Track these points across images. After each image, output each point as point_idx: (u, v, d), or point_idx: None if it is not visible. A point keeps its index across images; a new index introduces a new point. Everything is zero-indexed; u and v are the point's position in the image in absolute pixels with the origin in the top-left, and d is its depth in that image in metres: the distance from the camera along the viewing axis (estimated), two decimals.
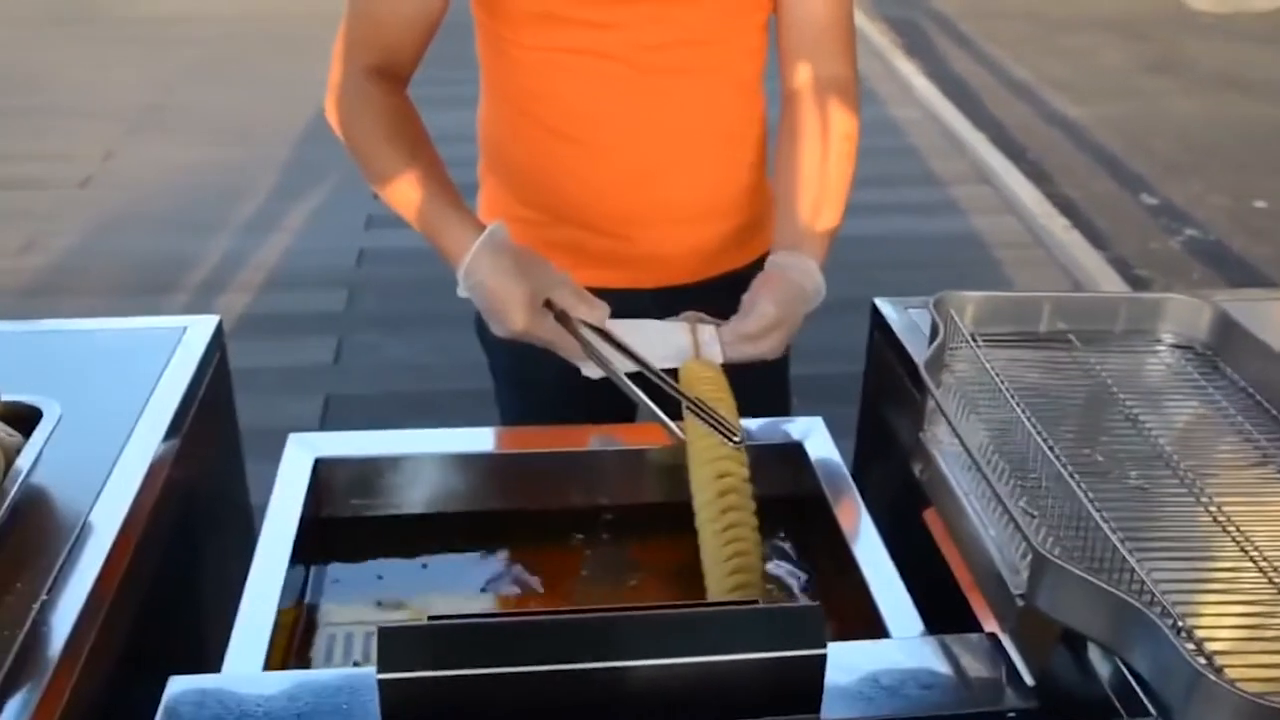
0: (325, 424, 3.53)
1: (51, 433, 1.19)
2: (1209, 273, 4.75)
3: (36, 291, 4.31)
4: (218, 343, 1.57)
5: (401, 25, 1.45)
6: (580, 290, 1.33)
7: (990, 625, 1.08)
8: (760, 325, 1.36)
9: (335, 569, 1.34)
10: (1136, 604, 0.90)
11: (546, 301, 1.32)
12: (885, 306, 1.62)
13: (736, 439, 1.25)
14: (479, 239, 1.34)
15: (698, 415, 1.26)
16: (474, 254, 1.34)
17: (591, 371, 1.33)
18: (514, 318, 1.31)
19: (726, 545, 1.20)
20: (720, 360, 1.36)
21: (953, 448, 1.22)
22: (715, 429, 1.25)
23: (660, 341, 1.36)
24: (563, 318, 1.32)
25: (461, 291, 1.37)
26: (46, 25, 8.16)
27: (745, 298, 1.39)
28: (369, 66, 1.45)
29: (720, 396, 1.29)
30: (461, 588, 1.31)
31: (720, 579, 1.19)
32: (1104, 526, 0.99)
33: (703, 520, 1.24)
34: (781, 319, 1.37)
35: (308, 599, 1.28)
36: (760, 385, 1.53)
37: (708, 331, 1.37)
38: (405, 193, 1.41)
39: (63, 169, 5.47)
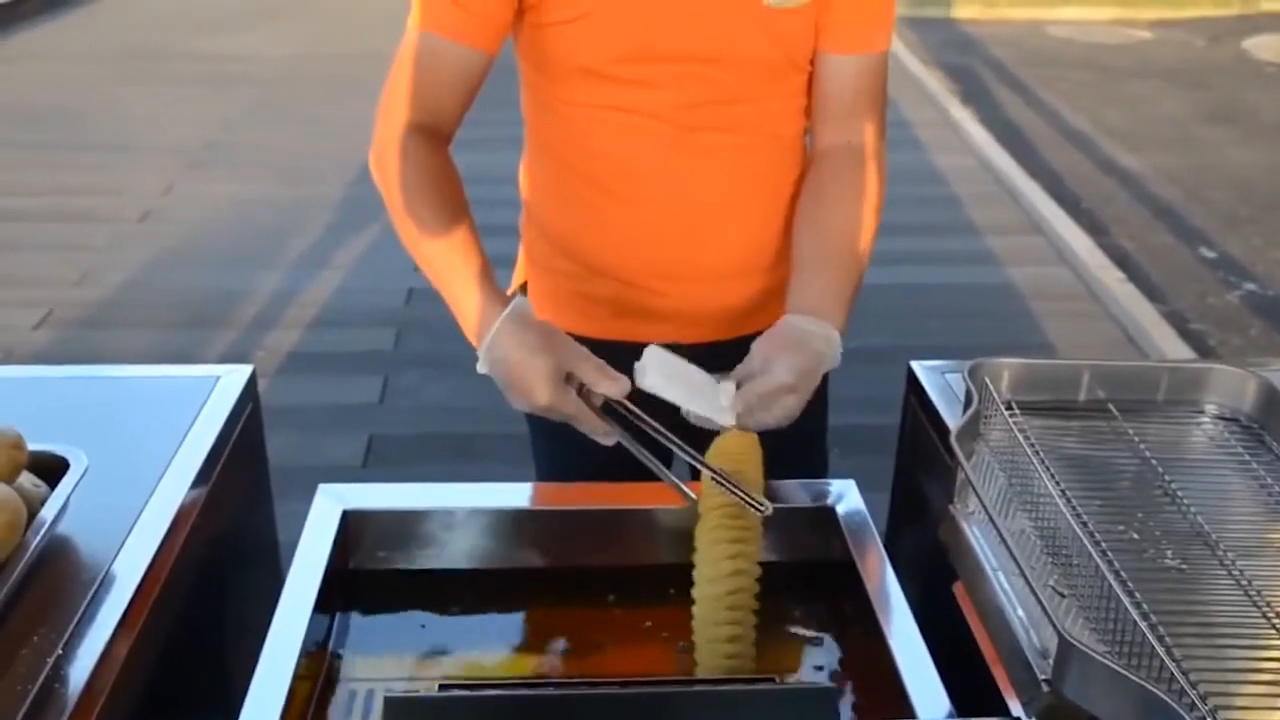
0: (367, 464, 3.54)
1: (77, 484, 1.20)
2: (1268, 328, 4.66)
3: (90, 323, 4.37)
4: (250, 392, 1.57)
5: (445, 84, 1.46)
6: (602, 365, 1.31)
7: (1017, 707, 1.05)
8: (773, 387, 1.32)
9: (360, 622, 1.33)
10: (1164, 696, 0.88)
11: (567, 375, 1.30)
12: (921, 370, 1.59)
13: (763, 508, 1.23)
14: (503, 314, 1.33)
15: (721, 485, 1.24)
16: (498, 329, 1.32)
17: (609, 440, 1.31)
18: (538, 392, 1.29)
19: (729, 623, 1.18)
20: (732, 421, 1.33)
21: (984, 520, 1.19)
22: (742, 500, 1.22)
23: (694, 393, 1.34)
24: (583, 391, 1.31)
25: (482, 367, 1.35)
26: (110, 63, 8.34)
27: (756, 349, 1.36)
28: (413, 124, 1.45)
29: (742, 468, 1.27)
30: (486, 646, 1.30)
31: (715, 660, 1.17)
32: (1133, 612, 0.96)
33: (704, 597, 1.22)
34: (795, 386, 1.34)
35: (331, 652, 1.27)
36: (796, 439, 1.52)
37: (728, 394, 1.35)
38: (432, 258, 1.41)
39: (122, 203, 5.56)
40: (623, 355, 1.39)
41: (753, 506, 1.22)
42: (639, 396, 1.32)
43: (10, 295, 4.59)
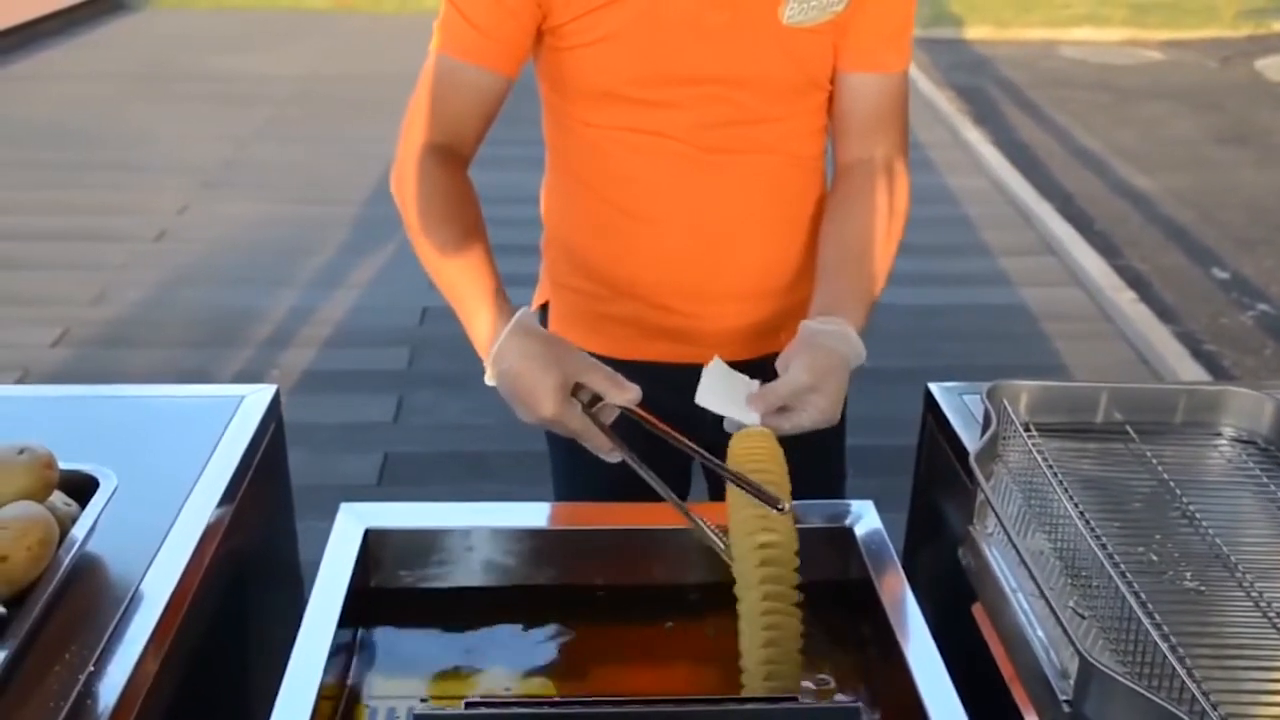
0: (382, 482, 3.55)
1: (107, 503, 1.21)
2: None
3: (107, 342, 4.40)
4: (274, 412, 1.59)
5: (464, 106, 1.48)
6: (612, 374, 1.31)
7: None
8: (791, 388, 1.32)
9: (383, 641, 1.34)
10: (1184, 717, 0.88)
11: (573, 389, 1.30)
12: (938, 392, 1.60)
13: (780, 506, 1.21)
14: (508, 326, 1.34)
15: (738, 486, 1.24)
16: (504, 340, 1.33)
17: (614, 456, 1.32)
18: (544, 404, 1.28)
19: (765, 630, 1.18)
20: (756, 420, 1.33)
21: (1003, 541, 1.20)
22: (758, 497, 1.22)
23: (733, 403, 1.34)
24: (587, 406, 1.30)
25: (489, 379, 1.35)
26: (126, 83, 8.40)
27: (779, 362, 1.36)
28: (433, 145, 1.47)
29: (766, 466, 1.26)
30: (509, 665, 1.30)
31: (755, 665, 1.17)
32: (1153, 633, 0.97)
33: (743, 601, 1.22)
34: (815, 384, 1.32)
35: (354, 670, 1.28)
36: (814, 459, 1.52)
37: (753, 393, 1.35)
38: (447, 276, 1.42)
39: (138, 222, 5.60)
40: (644, 375, 1.40)
41: (768, 504, 1.21)
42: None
43: (27, 314, 4.62)
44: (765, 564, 1.20)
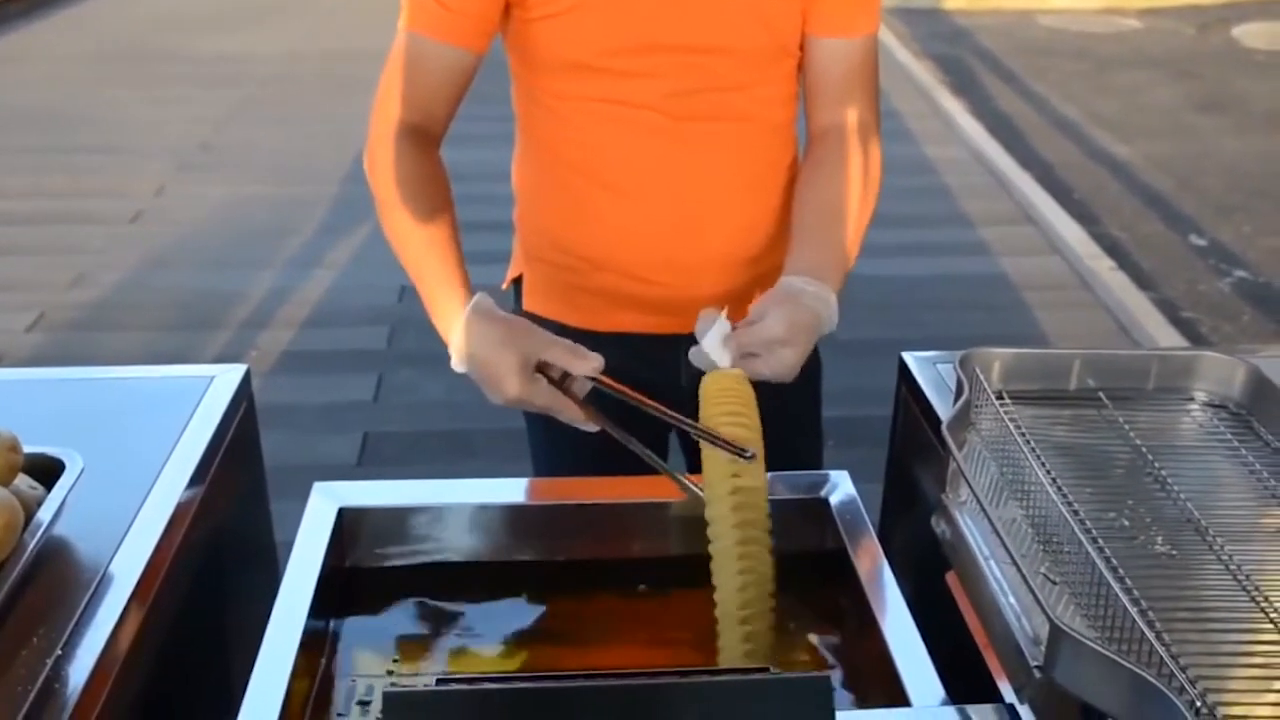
0: (362, 462, 3.55)
1: (73, 485, 1.20)
2: (1258, 315, 4.68)
3: (83, 325, 4.37)
4: (245, 392, 1.58)
5: (433, 83, 1.47)
6: (573, 346, 1.30)
7: (1010, 694, 1.06)
8: (764, 337, 1.32)
9: (357, 618, 1.34)
10: (1153, 680, 0.88)
11: (540, 367, 1.30)
12: (912, 361, 1.60)
13: (747, 454, 1.21)
14: (465, 311, 1.33)
15: (705, 440, 1.23)
16: (462, 326, 1.33)
17: (591, 426, 1.32)
18: (507, 385, 1.29)
19: (740, 575, 1.19)
20: (730, 363, 1.32)
21: (976, 509, 1.20)
22: (725, 449, 1.22)
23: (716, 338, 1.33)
24: (559, 382, 1.31)
25: (456, 366, 1.35)
26: (99, 64, 8.33)
27: (753, 308, 1.36)
28: (404, 124, 1.46)
29: (739, 410, 1.26)
30: (484, 640, 1.30)
31: (732, 608, 1.18)
32: (1123, 598, 0.97)
33: (717, 542, 1.22)
34: (788, 339, 1.32)
35: (328, 648, 1.28)
36: (790, 430, 1.52)
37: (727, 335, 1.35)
38: (411, 255, 1.42)
39: (114, 205, 5.56)
40: (620, 347, 1.40)
41: (737, 454, 1.21)
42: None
43: (2, 298, 4.59)
44: (739, 509, 1.20)
